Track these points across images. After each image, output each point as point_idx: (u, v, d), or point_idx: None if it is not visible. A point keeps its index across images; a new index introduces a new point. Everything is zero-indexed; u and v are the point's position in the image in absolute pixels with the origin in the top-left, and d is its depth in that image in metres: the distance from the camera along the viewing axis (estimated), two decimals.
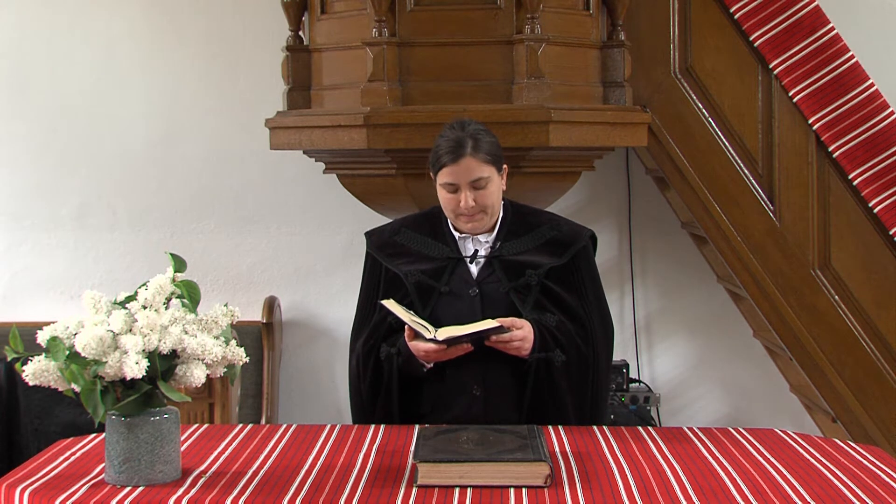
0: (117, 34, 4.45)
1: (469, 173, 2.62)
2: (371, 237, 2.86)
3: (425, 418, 2.67)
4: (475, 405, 2.63)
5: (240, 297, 4.48)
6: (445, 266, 2.70)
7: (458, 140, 2.63)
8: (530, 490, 2.02)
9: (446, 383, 2.65)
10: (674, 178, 3.86)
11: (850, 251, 3.82)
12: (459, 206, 2.64)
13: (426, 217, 2.83)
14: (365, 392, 2.73)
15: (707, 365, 4.54)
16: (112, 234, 4.53)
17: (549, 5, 3.52)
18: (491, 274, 2.69)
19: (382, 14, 3.47)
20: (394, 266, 2.75)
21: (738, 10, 3.77)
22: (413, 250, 2.76)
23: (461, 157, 2.61)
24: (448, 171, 2.63)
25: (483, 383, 2.63)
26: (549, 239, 2.74)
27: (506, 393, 2.64)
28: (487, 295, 2.66)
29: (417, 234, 2.78)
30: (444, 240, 2.74)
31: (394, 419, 2.67)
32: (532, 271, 2.67)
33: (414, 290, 2.68)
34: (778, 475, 2.13)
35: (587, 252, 2.78)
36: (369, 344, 2.72)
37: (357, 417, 2.79)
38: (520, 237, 2.73)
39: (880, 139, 3.74)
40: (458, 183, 2.63)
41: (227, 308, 2.15)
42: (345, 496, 2.00)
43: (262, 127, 3.84)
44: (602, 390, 2.76)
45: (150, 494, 2.02)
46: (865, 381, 3.81)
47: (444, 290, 2.67)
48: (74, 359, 2.03)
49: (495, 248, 2.71)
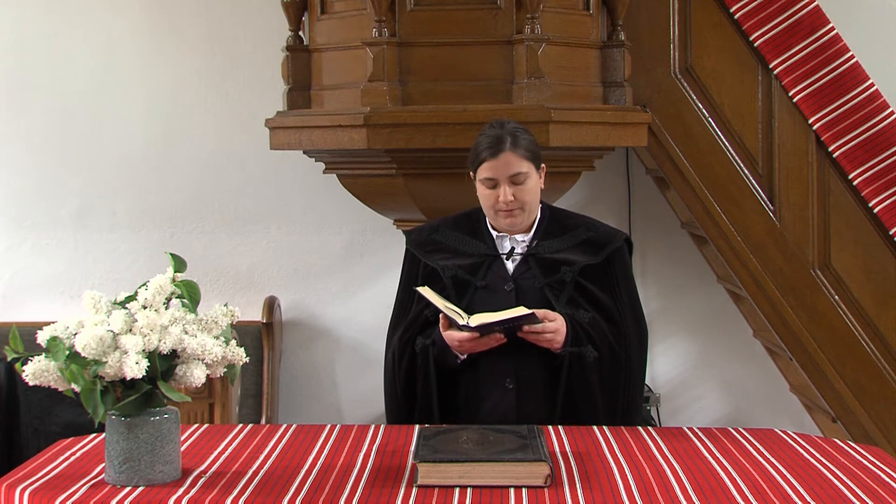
0: (117, 34, 4.44)
1: (508, 168, 2.66)
2: (411, 234, 2.90)
3: (460, 412, 2.69)
4: (508, 398, 2.66)
5: (240, 297, 4.48)
6: (482, 262, 2.74)
7: (497, 137, 2.69)
8: (530, 490, 2.02)
9: (480, 376, 2.68)
10: (674, 178, 3.86)
11: (850, 251, 3.82)
12: (498, 202, 2.68)
13: (465, 217, 2.87)
14: (400, 386, 2.76)
15: (707, 365, 4.54)
16: (112, 234, 4.53)
17: (549, 5, 3.52)
18: (527, 270, 2.73)
19: (382, 14, 3.47)
20: (432, 261, 2.78)
21: (738, 10, 3.77)
22: (451, 247, 2.80)
23: (500, 152, 2.66)
24: (487, 165, 2.67)
25: (516, 377, 2.66)
26: (584, 239, 2.78)
27: (538, 387, 2.67)
28: (522, 290, 2.70)
29: (456, 233, 2.82)
30: (482, 238, 2.79)
31: (433, 414, 2.69)
32: (567, 268, 2.70)
33: (451, 283, 2.72)
34: (778, 475, 2.13)
35: (622, 253, 2.81)
36: (405, 338, 2.75)
37: (392, 415, 2.80)
38: (556, 237, 2.77)
39: (880, 139, 3.74)
40: (497, 178, 2.67)
41: (227, 308, 2.15)
42: (345, 496, 2.00)
43: (262, 127, 3.84)
44: (636, 391, 2.78)
45: (150, 494, 2.02)
46: (865, 381, 3.81)
47: (481, 285, 2.71)
48: (74, 359, 2.03)
49: (532, 246, 2.75)
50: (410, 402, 2.75)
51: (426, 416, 2.69)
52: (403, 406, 2.77)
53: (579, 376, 2.65)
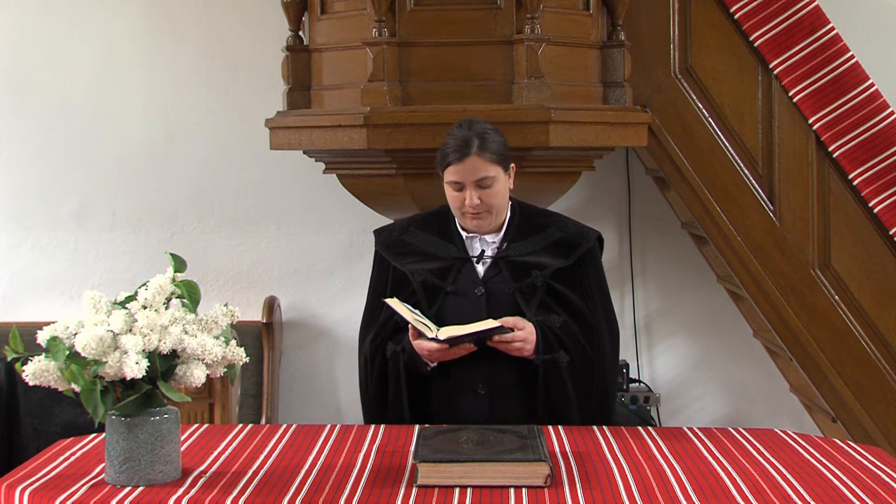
0: (117, 34, 4.45)
1: (474, 172, 2.64)
2: (379, 235, 2.87)
3: (433, 416, 2.68)
4: (481, 404, 2.65)
5: (240, 297, 4.48)
6: (452, 266, 2.72)
7: (464, 139, 2.65)
8: (530, 490, 2.02)
9: (452, 382, 2.67)
10: (674, 178, 3.86)
11: (850, 251, 3.82)
12: (465, 205, 2.66)
13: (435, 216, 2.84)
14: (372, 390, 2.75)
15: (707, 365, 4.54)
16: (112, 234, 4.53)
17: (549, 5, 3.52)
18: (497, 274, 2.70)
19: (382, 14, 3.47)
20: (401, 265, 2.76)
21: (738, 10, 3.77)
22: (420, 249, 2.77)
23: (467, 155, 2.63)
24: (454, 169, 2.65)
25: (488, 382, 2.65)
26: (555, 240, 2.75)
27: (511, 392, 2.65)
28: (493, 295, 2.68)
29: (425, 234, 2.80)
30: (451, 239, 2.76)
31: (405, 417, 2.67)
32: (538, 272, 2.68)
33: (420, 289, 2.70)
34: (778, 475, 2.13)
35: (593, 253, 2.79)
36: (376, 342, 2.74)
37: (367, 417, 2.80)
38: (527, 238, 2.74)
39: (880, 139, 3.74)
40: (463, 182, 2.65)
41: (227, 308, 2.15)
42: (345, 496, 2.00)
43: (262, 127, 3.84)
44: (609, 391, 2.77)
45: (150, 494, 2.02)
46: (865, 381, 3.81)
47: (451, 290, 2.69)
48: (74, 359, 2.03)
49: (502, 248, 2.73)
50: (383, 405, 2.73)
51: (398, 422, 2.66)
52: (376, 409, 2.75)
53: (554, 381, 2.64)
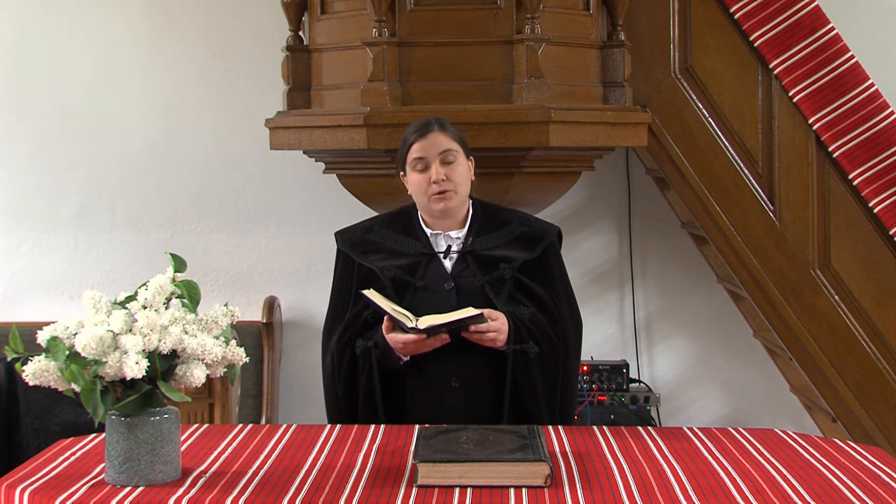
0: (117, 34, 4.45)
1: (437, 145, 2.70)
2: (343, 235, 2.86)
3: (408, 413, 2.68)
4: (455, 397, 2.66)
5: (240, 297, 4.48)
6: (419, 262, 2.73)
7: (424, 121, 2.75)
8: (530, 490, 2.02)
9: (425, 376, 2.67)
10: (674, 178, 3.86)
11: (850, 251, 3.82)
12: (430, 185, 2.68)
13: (397, 215, 2.85)
14: (341, 389, 2.74)
15: (707, 365, 4.54)
16: (112, 234, 4.53)
17: (549, 5, 3.52)
18: (465, 269, 2.72)
19: (382, 14, 3.47)
20: (368, 262, 2.76)
21: (738, 10, 3.77)
22: (386, 247, 2.78)
23: (429, 132, 2.71)
24: (417, 146, 2.71)
25: (461, 375, 2.66)
26: (519, 234, 2.79)
27: (484, 385, 2.67)
28: (462, 289, 2.69)
29: (389, 232, 2.81)
30: (416, 236, 2.78)
31: (378, 415, 2.67)
32: (505, 265, 2.71)
33: (390, 284, 2.70)
34: (778, 475, 2.13)
35: (555, 247, 2.84)
36: (344, 339, 2.73)
37: (332, 416, 2.79)
38: (491, 233, 2.77)
39: (880, 139, 3.74)
40: (427, 156, 2.70)
41: (227, 308, 2.15)
42: (345, 496, 2.00)
43: (262, 127, 3.84)
44: (572, 383, 2.81)
45: (150, 494, 2.01)
46: (865, 381, 3.81)
47: (420, 285, 2.70)
48: (74, 359, 2.03)
49: (467, 243, 2.75)
50: (353, 405, 2.73)
51: (371, 420, 2.66)
52: (345, 409, 2.74)
53: (523, 372, 2.66)
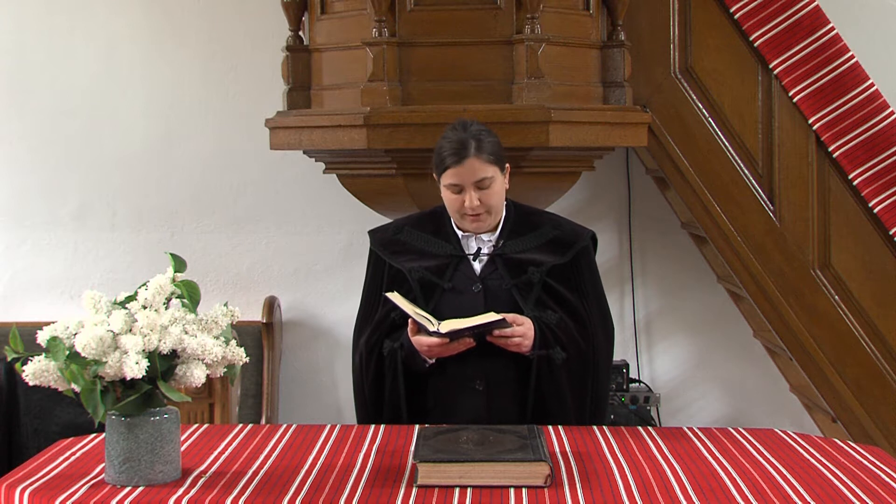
0: (117, 34, 4.45)
1: (473, 174, 2.64)
2: (374, 235, 2.88)
3: (430, 414, 2.69)
4: (478, 400, 2.65)
5: (240, 297, 4.48)
6: (448, 263, 2.73)
7: (461, 141, 2.65)
8: (530, 490, 2.02)
9: (449, 379, 2.67)
10: (674, 178, 3.86)
11: (850, 251, 3.82)
12: (464, 207, 2.67)
13: (429, 216, 2.85)
14: (368, 389, 2.75)
15: (707, 365, 4.54)
16: (112, 234, 4.53)
17: (549, 5, 3.52)
18: (494, 271, 2.71)
19: (382, 14, 3.47)
20: (397, 263, 2.77)
21: (738, 10, 3.77)
22: (416, 248, 2.78)
23: (465, 158, 2.64)
24: (452, 172, 2.65)
25: (485, 379, 2.66)
26: (551, 238, 2.77)
27: (508, 389, 2.66)
28: (490, 291, 2.69)
29: (420, 233, 2.80)
30: (447, 238, 2.77)
31: (402, 416, 2.68)
32: (534, 268, 2.69)
33: (417, 286, 2.70)
34: (778, 475, 2.13)
35: (588, 252, 2.81)
36: (372, 340, 2.74)
37: (361, 416, 2.79)
38: (522, 236, 2.76)
39: (880, 139, 3.74)
40: (462, 184, 2.65)
41: (227, 308, 2.15)
42: (345, 496, 2.00)
43: (262, 127, 3.84)
44: (603, 389, 2.78)
45: (150, 494, 2.02)
46: (865, 381, 3.81)
47: (448, 287, 2.70)
48: (74, 359, 2.03)
49: (498, 246, 2.74)
50: (379, 404, 2.74)
51: (395, 420, 2.67)
52: (372, 409, 2.75)
53: (548, 378, 2.65)
